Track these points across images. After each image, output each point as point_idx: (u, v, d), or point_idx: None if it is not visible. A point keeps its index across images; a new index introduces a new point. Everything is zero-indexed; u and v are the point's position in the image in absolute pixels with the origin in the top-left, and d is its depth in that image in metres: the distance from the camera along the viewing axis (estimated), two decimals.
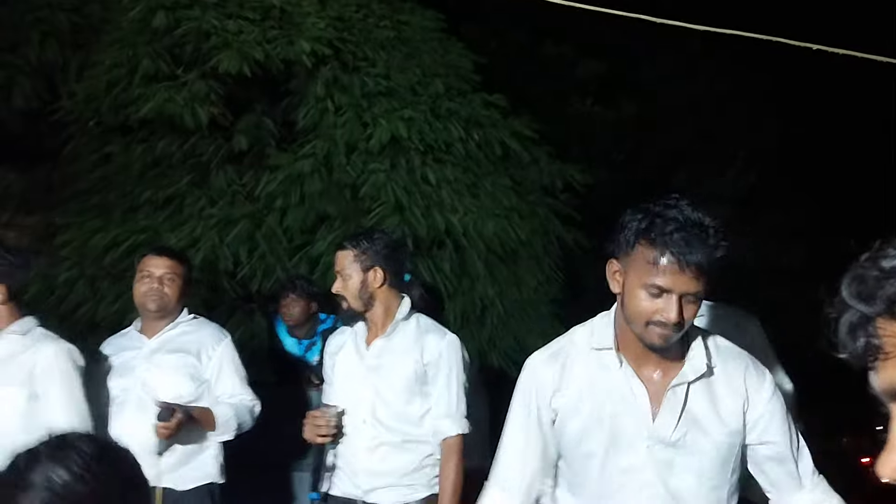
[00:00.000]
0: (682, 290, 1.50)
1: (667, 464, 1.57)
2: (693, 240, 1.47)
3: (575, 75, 8.40)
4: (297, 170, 4.82)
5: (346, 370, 2.53)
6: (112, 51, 4.93)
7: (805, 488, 1.63)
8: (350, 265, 2.50)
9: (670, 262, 1.49)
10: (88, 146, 5.11)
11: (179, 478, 2.64)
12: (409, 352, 2.51)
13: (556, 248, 5.50)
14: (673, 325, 1.51)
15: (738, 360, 1.65)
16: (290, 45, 4.87)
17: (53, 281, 4.57)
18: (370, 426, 2.46)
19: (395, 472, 2.45)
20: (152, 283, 2.74)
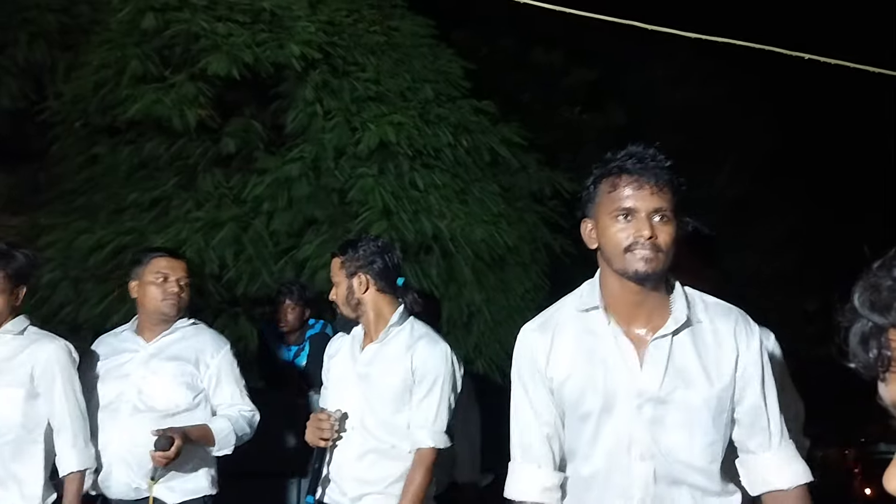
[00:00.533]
0: (648, 206, 1.55)
1: (657, 421, 1.57)
2: (644, 158, 1.57)
3: (564, 83, 8.43)
4: (284, 173, 4.80)
5: (340, 374, 2.51)
6: (100, 52, 4.91)
7: (773, 448, 1.63)
8: (338, 272, 2.50)
9: (628, 182, 1.56)
10: (75, 147, 5.08)
11: (170, 490, 2.57)
12: (399, 359, 2.48)
13: (543, 255, 5.51)
14: (649, 242, 1.53)
15: (728, 314, 1.65)
16: (280, 48, 4.87)
17: (37, 282, 4.52)
18: (358, 433, 2.43)
19: (383, 481, 2.42)
20: (173, 287, 2.66)
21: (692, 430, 1.58)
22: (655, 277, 1.57)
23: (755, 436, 1.63)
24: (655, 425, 1.57)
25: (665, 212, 1.55)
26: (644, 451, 1.57)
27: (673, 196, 1.56)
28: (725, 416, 1.61)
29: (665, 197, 1.55)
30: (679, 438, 1.58)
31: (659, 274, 1.57)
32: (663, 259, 1.55)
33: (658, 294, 1.62)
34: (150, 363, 2.63)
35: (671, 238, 1.56)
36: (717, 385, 1.58)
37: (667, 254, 1.55)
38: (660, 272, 1.56)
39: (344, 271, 2.49)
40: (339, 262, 2.50)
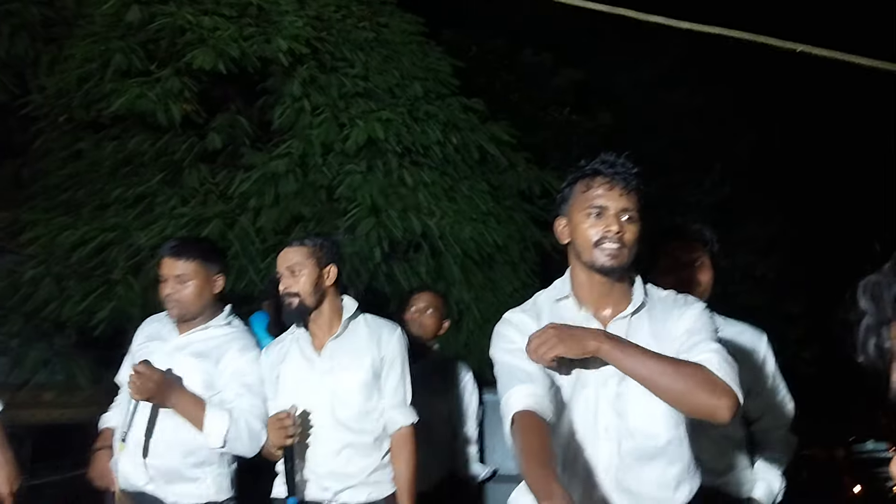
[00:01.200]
0: (617, 206, 1.74)
1: (619, 396, 1.71)
2: (616, 163, 1.78)
3: (553, 83, 8.43)
4: (271, 169, 4.75)
5: (296, 377, 2.47)
6: (84, 45, 4.83)
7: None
8: (304, 261, 2.46)
9: (601, 182, 1.76)
10: (58, 142, 5.00)
11: (172, 493, 2.50)
12: (365, 349, 2.48)
13: (532, 253, 5.49)
14: (616, 237, 1.72)
15: (670, 295, 1.85)
16: (267, 42, 4.81)
17: (19, 278, 4.45)
18: (331, 429, 2.41)
19: (362, 472, 2.41)
20: (166, 290, 2.58)
21: (652, 405, 1.68)
22: (620, 270, 1.76)
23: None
24: (619, 400, 1.71)
25: (632, 212, 1.75)
26: (609, 425, 1.71)
27: (639, 200, 1.77)
28: None
29: (632, 199, 1.76)
30: (643, 414, 1.70)
31: (623, 267, 1.76)
32: (626, 254, 1.75)
33: (622, 284, 1.81)
34: (174, 356, 2.58)
35: (635, 236, 1.76)
36: (669, 353, 1.70)
37: (630, 249, 1.75)
38: (624, 266, 1.76)
39: (313, 260, 2.46)
40: (308, 250, 2.47)
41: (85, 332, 4.45)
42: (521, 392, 1.70)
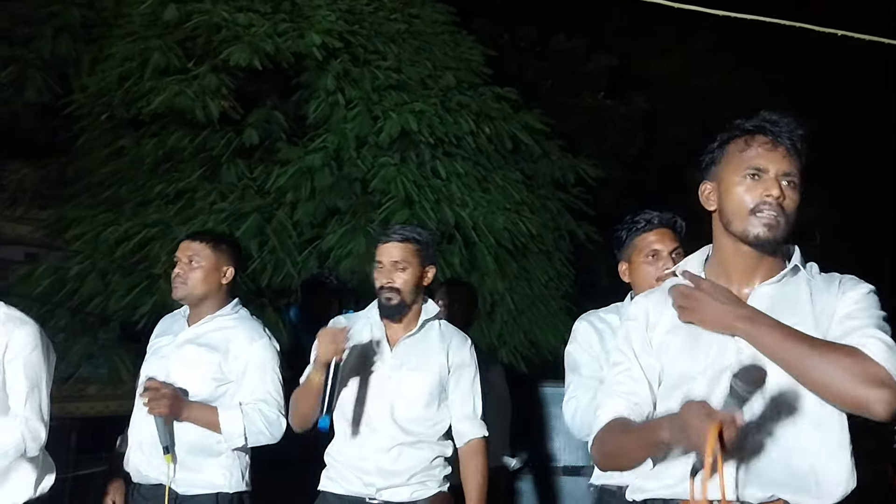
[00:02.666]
0: (778, 168, 1.53)
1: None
2: (779, 121, 1.56)
3: (586, 69, 8.36)
4: (307, 164, 4.81)
5: (362, 367, 2.48)
6: (123, 45, 4.94)
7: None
8: (410, 258, 2.45)
9: (762, 143, 1.54)
10: (100, 140, 5.12)
11: (182, 481, 2.55)
12: (436, 353, 2.48)
13: (567, 242, 5.48)
14: (776, 203, 1.50)
15: (833, 274, 1.65)
16: (301, 38, 4.87)
17: (65, 274, 4.58)
18: (387, 426, 2.43)
19: (409, 471, 2.43)
20: (176, 270, 2.63)
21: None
22: (774, 244, 1.53)
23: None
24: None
25: (794, 177, 1.54)
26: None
27: (801, 165, 1.56)
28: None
29: (796, 163, 1.54)
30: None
31: (778, 241, 1.54)
32: (784, 226, 1.52)
33: (774, 259, 1.59)
34: (183, 348, 2.61)
35: (796, 206, 1.54)
36: (821, 332, 1.54)
37: (788, 221, 1.53)
38: (779, 239, 1.54)
39: (418, 259, 2.47)
40: (415, 248, 2.47)
41: (127, 327, 4.56)
42: (612, 403, 1.60)
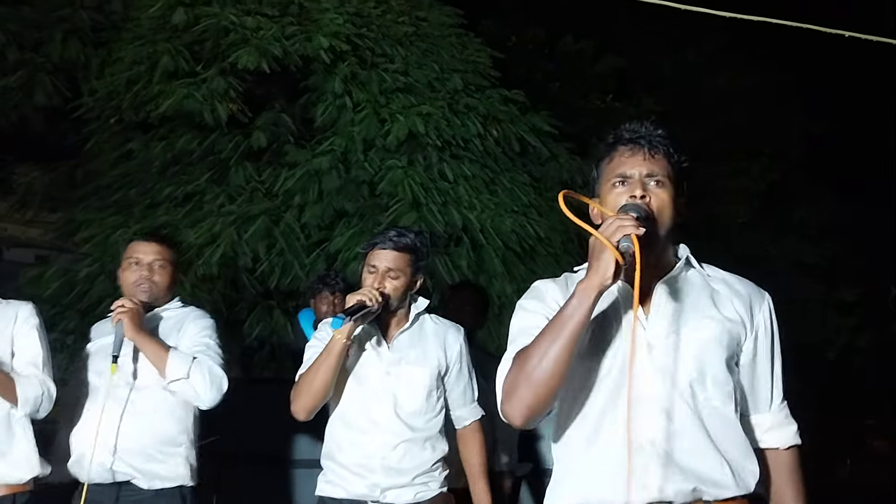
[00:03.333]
0: (641, 171, 1.57)
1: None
2: (637, 128, 1.62)
3: (594, 71, 8.34)
4: (314, 166, 4.83)
5: (362, 366, 2.49)
6: (132, 48, 4.97)
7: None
8: (405, 267, 2.46)
9: (623, 151, 1.60)
10: (109, 143, 5.16)
11: (143, 476, 2.52)
12: (433, 347, 2.50)
13: (575, 245, 5.46)
14: (641, 202, 1.54)
15: (734, 276, 1.72)
16: (309, 41, 4.88)
17: (75, 276, 4.61)
18: (391, 422, 2.43)
19: (414, 471, 2.42)
20: (141, 270, 2.64)
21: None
22: (650, 239, 1.51)
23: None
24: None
25: (659, 176, 1.57)
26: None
27: (668, 163, 1.59)
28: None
29: (659, 163, 1.58)
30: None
31: (653, 235, 1.53)
32: (656, 223, 1.54)
33: (663, 257, 1.61)
34: (130, 344, 2.59)
35: (665, 202, 1.56)
36: (702, 330, 1.59)
37: (661, 218, 1.55)
38: (655, 233, 1.54)
39: (411, 269, 2.48)
40: (410, 258, 2.48)
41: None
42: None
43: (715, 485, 1.52)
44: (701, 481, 1.51)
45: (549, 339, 1.47)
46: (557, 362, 1.46)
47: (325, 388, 2.39)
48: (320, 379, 2.38)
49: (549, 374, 1.46)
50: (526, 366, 1.48)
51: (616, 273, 1.42)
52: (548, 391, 1.48)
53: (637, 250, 1.40)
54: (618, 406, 1.50)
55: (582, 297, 1.44)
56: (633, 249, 1.40)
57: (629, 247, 1.41)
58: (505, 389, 1.54)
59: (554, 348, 1.45)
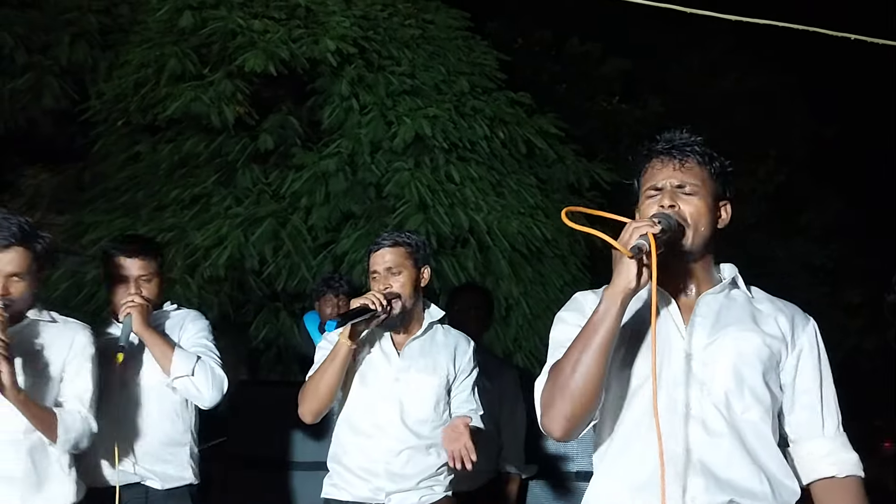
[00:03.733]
0: (672, 182, 1.58)
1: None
2: (671, 138, 1.63)
3: (601, 73, 8.34)
4: (321, 169, 4.83)
5: (371, 370, 2.48)
6: (140, 51, 4.99)
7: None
8: (404, 261, 2.45)
9: (656, 163, 1.62)
10: (117, 145, 5.17)
11: (154, 477, 2.50)
12: (443, 357, 2.49)
13: (582, 247, 5.46)
14: (671, 211, 1.54)
15: (777, 299, 1.70)
16: (316, 43, 4.89)
17: (82, 279, 4.62)
18: (396, 429, 2.42)
19: (417, 476, 2.42)
20: (129, 287, 2.63)
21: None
22: (677, 247, 1.53)
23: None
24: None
25: (689, 187, 1.57)
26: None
27: (702, 171, 1.59)
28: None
29: (690, 172, 1.59)
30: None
31: (679, 243, 1.53)
32: (689, 231, 1.55)
33: (701, 269, 1.61)
34: (138, 345, 2.60)
35: (697, 210, 1.56)
36: (748, 356, 1.56)
37: (696, 228, 1.55)
38: (689, 244, 1.55)
39: (412, 261, 2.46)
40: (406, 251, 2.47)
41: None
42: None
43: (752, 496, 1.49)
44: (737, 492, 1.48)
45: (579, 347, 1.46)
46: (590, 370, 1.44)
47: (330, 392, 2.38)
48: (325, 383, 2.37)
49: (583, 383, 1.45)
50: (560, 377, 1.47)
51: (639, 275, 1.42)
52: (584, 401, 1.46)
53: (653, 247, 1.40)
54: (653, 417, 1.48)
55: (609, 303, 1.44)
56: (647, 247, 1.40)
57: (644, 244, 1.41)
58: (542, 403, 1.52)
59: (586, 357, 1.44)
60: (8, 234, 2.14)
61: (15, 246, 2.15)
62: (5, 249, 2.15)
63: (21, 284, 2.19)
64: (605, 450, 1.59)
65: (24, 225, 2.18)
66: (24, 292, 2.21)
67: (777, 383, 1.58)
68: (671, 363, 1.54)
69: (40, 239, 2.23)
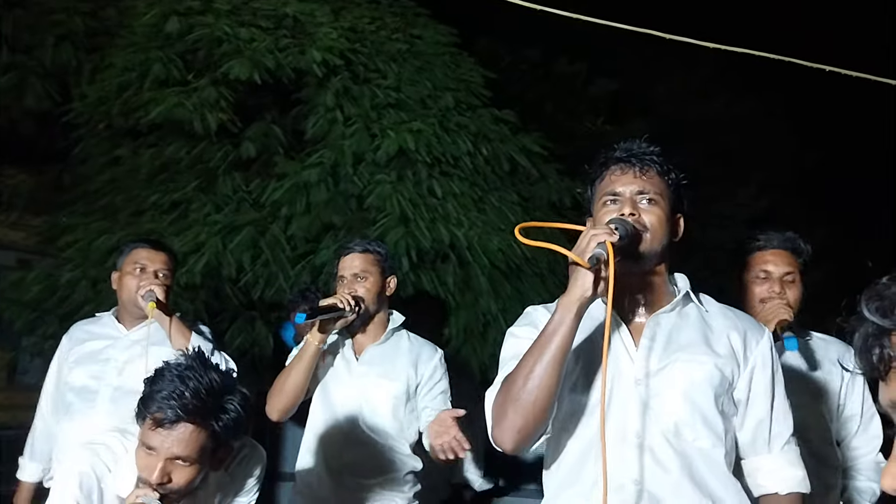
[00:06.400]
0: (632, 189, 1.57)
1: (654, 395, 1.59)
2: (630, 147, 1.63)
3: (587, 93, 8.39)
4: (303, 178, 4.81)
5: (330, 375, 2.50)
6: (124, 55, 4.96)
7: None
8: (370, 267, 2.48)
9: (614, 170, 1.61)
10: (98, 148, 5.13)
11: None
12: (403, 364, 2.49)
13: (561, 266, 5.45)
14: (631, 219, 1.53)
15: (729, 308, 1.71)
16: (302, 54, 4.89)
17: (56, 281, 4.57)
18: (358, 431, 2.44)
19: (377, 482, 2.42)
20: (147, 277, 2.62)
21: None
22: (640, 258, 1.53)
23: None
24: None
25: (650, 194, 1.57)
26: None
27: (661, 181, 1.59)
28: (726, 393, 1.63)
29: (651, 181, 1.58)
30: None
31: (645, 254, 1.53)
32: (648, 238, 1.53)
33: (657, 281, 1.60)
34: (132, 348, 2.60)
35: (657, 219, 1.56)
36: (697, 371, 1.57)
37: (655, 234, 1.54)
38: (645, 252, 1.54)
39: (378, 268, 2.49)
40: (374, 258, 2.50)
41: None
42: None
43: None
44: None
45: (533, 358, 1.43)
46: (543, 382, 1.41)
47: (296, 390, 2.41)
48: (292, 380, 2.41)
49: (535, 395, 1.42)
50: (512, 388, 1.45)
51: (595, 284, 1.41)
52: (536, 413, 1.43)
53: (611, 256, 1.37)
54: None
55: (563, 312, 1.42)
56: (605, 256, 1.38)
57: (602, 253, 1.39)
58: (494, 415, 1.50)
59: (539, 368, 1.42)
60: (179, 405, 1.63)
61: (184, 422, 1.65)
62: (173, 426, 1.64)
63: (187, 471, 1.68)
64: (556, 470, 1.58)
65: (201, 392, 1.65)
66: (191, 480, 1.70)
67: (731, 404, 1.58)
68: (620, 388, 1.52)
69: (224, 412, 1.70)
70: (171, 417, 1.62)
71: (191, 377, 1.64)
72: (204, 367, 1.68)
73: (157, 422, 1.63)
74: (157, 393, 1.64)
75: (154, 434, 1.63)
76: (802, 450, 1.64)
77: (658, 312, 1.58)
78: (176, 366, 1.68)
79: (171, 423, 1.62)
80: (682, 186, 1.64)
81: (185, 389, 1.63)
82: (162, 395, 1.63)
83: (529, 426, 1.44)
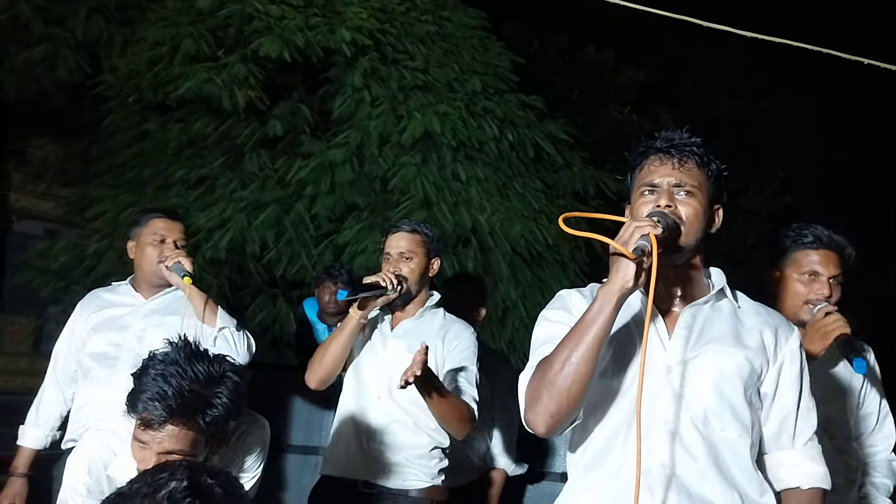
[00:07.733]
0: (670, 181, 1.55)
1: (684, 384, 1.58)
2: (670, 137, 1.60)
3: (614, 82, 8.33)
4: (329, 158, 4.84)
5: (366, 346, 2.53)
6: (156, 29, 4.99)
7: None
8: (416, 248, 2.50)
9: (654, 160, 1.59)
10: (127, 122, 5.17)
11: None
12: (433, 337, 2.52)
13: (583, 253, 5.46)
14: (668, 211, 1.52)
15: (762, 306, 1.69)
16: (332, 33, 4.89)
17: (83, 251, 4.63)
18: (385, 402, 2.46)
19: (403, 454, 2.44)
20: (170, 248, 2.65)
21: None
22: (674, 247, 1.51)
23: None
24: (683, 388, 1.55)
25: (687, 187, 1.55)
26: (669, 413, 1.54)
27: (700, 172, 1.57)
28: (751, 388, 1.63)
29: (689, 173, 1.56)
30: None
31: (681, 247, 1.52)
32: (684, 231, 1.52)
33: (693, 273, 1.59)
34: (151, 317, 2.61)
35: (693, 212, 1.54)
36: (731, 367, 1.56)
37: (691, 227, 1.53)
38: (681, 245, 1.52)
39: (424, 250, 2.52)
40: (421, 239, 2.52)
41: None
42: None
43: None
44: None
45: (571, 344, 1.44)
46: (579, 368, 1.43)
47: (335, 361, 2.45)
48: (332, 352, 2.45)
49: (571, 381, 1.43)
50: (548, 373, 1.46)
51: (637, 276, 1.42)
52: (571, 399, 1.45)
53: (654, 249, 1.38)
54: (632, 427, 1.47)
55: (603, 301, 1.42)
56: (649, 248, 1.39)
57: (645, 245, 1.39)
58: (528, 398, 1.51)
59: (576, 354, 1.43)
60: (163, 407, 1.63)
61: (170, 424, 1.64)
62: (160, 427, 1.64)
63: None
64: (581, 453, 1.59)
65: (185, 391, 1.65)
66: None
67: (757, 397, 1.59)
68: (651, 376, 1.52)
69: (210, 408, 1.68)
70: (158, 419, 1.62)
71: (174, 374, 1.63)
72: (188, 360, 1.66)
73: (145, 422, 1.63)
74: (142, 393, 1.63)
75: (144, 433, 1.64)
76: (827, 444, 1.64)
77: (693, 304, 1.59)
78: (160, 361, 1.66)
79: (159, 425, 1.62)
80: (722, 177, 1.61)
81: (169, 388, 1.62)
82: (147, 397, 1.62)
83: (563, 411, 1.46)
